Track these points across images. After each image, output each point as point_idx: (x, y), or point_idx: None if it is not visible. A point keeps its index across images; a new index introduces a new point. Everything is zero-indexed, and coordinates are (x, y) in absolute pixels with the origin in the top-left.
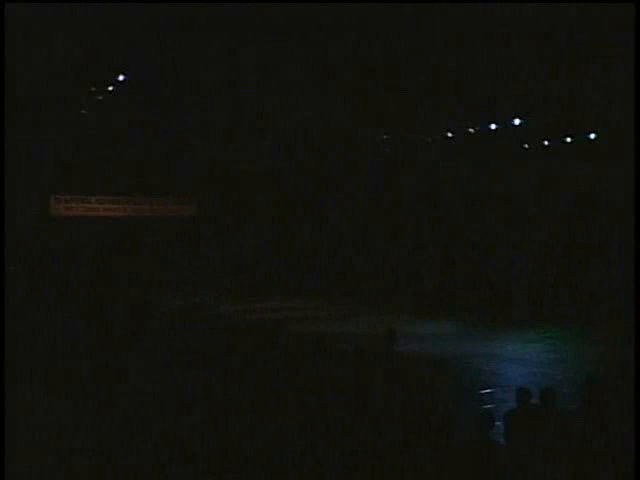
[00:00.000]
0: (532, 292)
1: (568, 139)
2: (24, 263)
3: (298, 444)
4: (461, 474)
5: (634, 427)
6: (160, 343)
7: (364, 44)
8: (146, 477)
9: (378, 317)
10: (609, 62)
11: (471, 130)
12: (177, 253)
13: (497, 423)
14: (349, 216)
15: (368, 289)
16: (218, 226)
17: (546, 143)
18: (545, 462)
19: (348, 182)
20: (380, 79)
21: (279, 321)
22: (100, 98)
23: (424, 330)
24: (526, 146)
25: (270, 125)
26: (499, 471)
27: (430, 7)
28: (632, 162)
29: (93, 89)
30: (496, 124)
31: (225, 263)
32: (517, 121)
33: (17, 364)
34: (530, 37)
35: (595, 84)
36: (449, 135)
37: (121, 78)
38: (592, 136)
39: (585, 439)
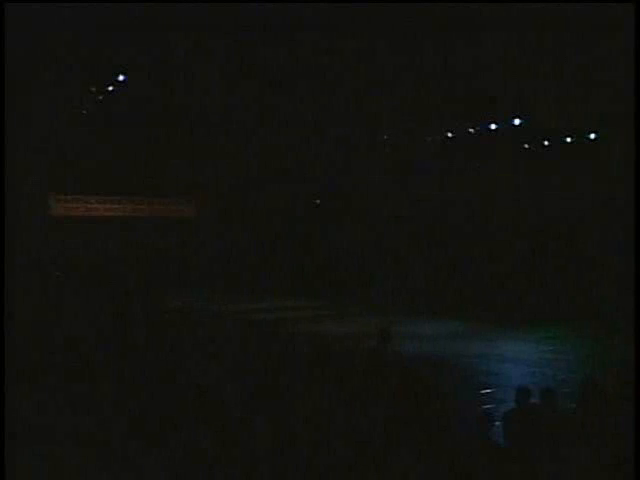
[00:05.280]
0: (532, 292)
1: (568, 139)
2: (24, 263)
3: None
4: (460, 474)
5: (634, 427)
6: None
7: (364, 44)
8: None
9: (377, 317)
10: (609, 62)
11: (471, 130)
12: (176, 253)
13: (497, 423)
14: (348, 216)
15: (367, 289)
16: (218, 227)
17: (546, 143)
18: (544, 462)
19: (347, 182)
20: (380, 79)
21: (277, 321)
22: (100, 98)
23: (423, 330)
24: (526, 146)
25: (270, 125)
26: (498, 471)
27: (430, 7)
28: (632, 162)
29: (93, 89)
30: (496, 124)
31: (224, 264)
32: (517, 121)
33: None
34: (530, 37)
35: (595, 84)
36: (449, 135)
37: (121, 78)
38: (592, 136)
39: (584, 439)
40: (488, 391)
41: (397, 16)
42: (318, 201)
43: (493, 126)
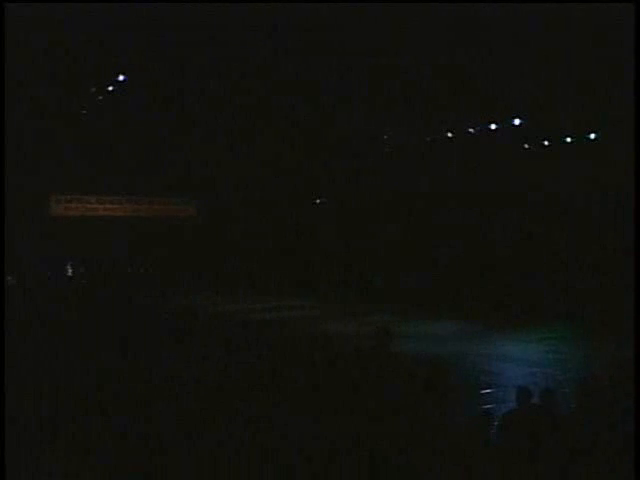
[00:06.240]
0: (532, 292)
1: (568, 139)
2: (24, 263)
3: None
4: (460, 474)
5: (634, 427)
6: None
7: (365, 44)
8: None
9: (379, 317)
10: (609, 62)
11: (471, 130)
12: (176, 253)
13: (497, 423)
14: (348, 216)
15: (369, 289)
16: (217, 226)
17: (546, 143)
18: (544, 462)
19: (348, 182)
20: (380, 79)
21: (280, 321)
22: (100, 98)
23: (425, 330)
24: (526, 146)
25: (270, 125)
26: (498, 471)
27: (430, 7)
28: (632, 162)
29: (93, 89)
30: (496, 124)
31: (225, 263)
32: (517, 121)
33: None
34: (530, 37)
35: (595, 84)
36: (449, 135)
37: (121, 78)
38: (592, 136)
39: (585, 438)
40: (489, 391)
41: (397, 16)
42: (318, 201)
43: (493, 126)
